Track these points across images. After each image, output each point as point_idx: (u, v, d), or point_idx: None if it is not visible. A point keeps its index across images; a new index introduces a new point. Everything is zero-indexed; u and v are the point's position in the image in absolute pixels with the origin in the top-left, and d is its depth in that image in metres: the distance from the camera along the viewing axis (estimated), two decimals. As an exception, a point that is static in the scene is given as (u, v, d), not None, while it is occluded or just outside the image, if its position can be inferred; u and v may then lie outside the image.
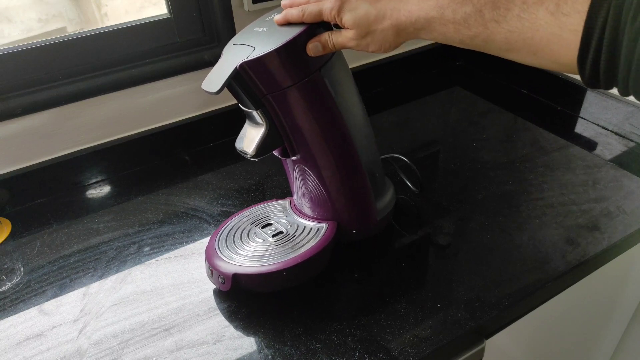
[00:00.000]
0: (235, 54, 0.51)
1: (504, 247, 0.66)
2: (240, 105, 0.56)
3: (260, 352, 0.54)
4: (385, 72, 1.06)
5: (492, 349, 0.64)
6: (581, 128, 0.91)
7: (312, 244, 0.61)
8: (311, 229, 0.64)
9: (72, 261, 0.68)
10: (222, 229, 0.65)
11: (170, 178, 0.84)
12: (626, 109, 0.85)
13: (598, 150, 0.84)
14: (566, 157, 0.82)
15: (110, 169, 0.85)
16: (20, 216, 0.78)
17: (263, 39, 0.51)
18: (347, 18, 0.48)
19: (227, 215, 0.74)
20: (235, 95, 0.54)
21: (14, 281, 0.66)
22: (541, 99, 1.00)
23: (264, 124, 0.55)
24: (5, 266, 0.68)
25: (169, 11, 0.81)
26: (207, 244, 0.63)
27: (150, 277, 0.65)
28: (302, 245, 0.61)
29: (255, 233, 0.64)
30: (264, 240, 0.62)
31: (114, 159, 0.85)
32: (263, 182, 0.81)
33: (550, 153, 0.83)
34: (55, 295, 0.63)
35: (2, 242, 0.73)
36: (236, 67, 0.49)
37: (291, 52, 0.50)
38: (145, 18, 0.80)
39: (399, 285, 0.61)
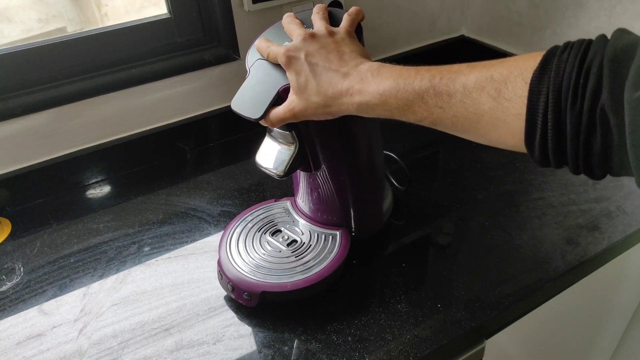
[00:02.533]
0: (269, 74, 0.49)
1: (504, 247, 0.66)
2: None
3: (260, 352, 0.54)
4: (385, 72, 1.06)
5: (492, 349, 0.64)
6: (581, 128, 0.91)
7: (333, 254, 0.60)
8: (324, 236, 0.63)
9: (72, 261, 0.68)
10: (228, 237, 0.63)
11: (170, 178, 0.84)
12: (626, 109, 0.85)
13: (598, 150, 0.84)
14: (566, 157, 0.82)
15: (110, 169, 0.85)
16: (20, 216, 0.78)
17: None
18: (291, 78, 0.48)
19: (227, 215, 0.74)
20: None
21: (14, 281, 0.66)
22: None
23: (295, 143, 0.54)
24: (5, 266, 0.68)
25: (169, 11, 0.81)
26: (218, 257, 0.61)
27: (150, 277, 0.65)
28: (323, 256, 0.60)
29: (267, 242, 0.62)
30: (280, 251, 0.61)
31: (114, 159, 0.85)
32: (263, 182, 0.82)
33: (550, 153, 0.83)
34: (55, 295, 0.63)
35: (2, 242, 0.73)
36: (278, 91, 0.48)
37: None
38: (145, 18, 0.80)
39: (399, 285, 0.61)
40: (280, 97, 0.49)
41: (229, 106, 0.97)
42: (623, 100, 0.30)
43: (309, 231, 0.64)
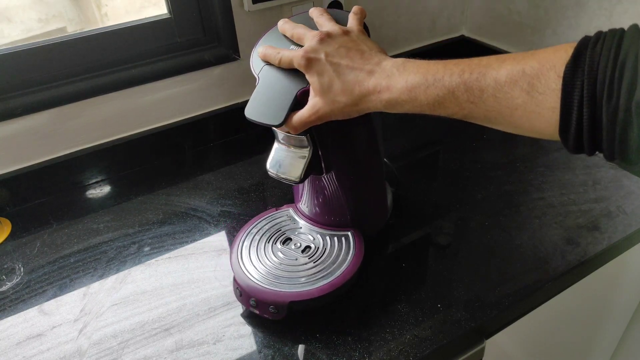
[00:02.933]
0: (282, 79, 0.49)
1: (504, 247, 0.66)
2: (280, 130, 0.53)
3: (260, 352, 0.54)
4: (385, 72, 1.06)
5: (492, 349, 0.64)
6: (581, 128, 0.91)
7: (351, 255, 0.60)
8: (336, 238, 0.62)
9: (72, 261, 0.68)
10: (238, 253, 0.61)
11: (170, 178, 0.84)
12: (626, 109, 0.85)
13: (598, 150, 0.84)
14: (566, 157, 0.82)
15: (110, 169, 0.85)
16: (20, 216, 0.78)
17: None
18: (313, 80, 0.47)
19: (227, 215, 0.74)
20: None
21: (14, 281, 0.66)
22: (541, 99, 1.00)
23: (310, 147, 0.53)
24: (5, 266, 0.68)
25: (169, 11, 0.81)
26: (232, 275, 0.59)
27: (150, 277, 0.65)
28: (341, 258, 0.59)
29: (280, 251, 0.61)
30: (296, 259, 0.60)
31: (114, 159, 0.85)
32: (263, 182, 0.82)
33: (550, 153, 0.83)
34: (55, 295, 0.63)
35: (2, 242, 0.73)
36: (296, 95, 0.47)
37: None
38: (145, 18, 0.80)
39: (399, 285, 0.61)
40: (298, 100, 0.48)
41: (229, 106, 0.97)
42: None
43: (319, 235, 0.63)
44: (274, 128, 0.53)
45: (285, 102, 0.48)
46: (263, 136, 0.93)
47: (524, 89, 0.37)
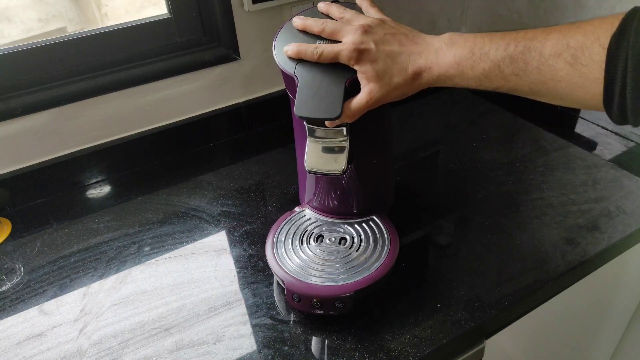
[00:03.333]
0: (325, 72, 0.49)
1: (504, 247, 0.66)
2: (311, 124, 0.53)
3: (260, 352, 0.54)
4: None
5: (492, 349, 0.64)
6: (581, 128, 0.91)
7: (387, 236, 0.62)
8: (364, 224, 0.64)
9: (72, 261, 0.68)
10: (277, 261, 0.59)
11: (170, 178, 0.84)
12: (626, 109, 0.85)
13: (598, 150, 0.84)
14: (566, 157, 0.82)
15: (110, 169, 0.85)
16: (20, 216, 0.78)
17: None
18: (365, 69, 0.49)
19: (227, 215, 0.74)
20: None
21: (14, 281, 0.66)
22: (541, 99, 1.00)
23: (348, 137, 0.53)
24: (5, 266, 0.68)
25: (169, 11, 0.81)
26: (285, 284, 0.57)
27: (150, 277, 0.65)
28: (380, 241, 0.61)
29: (317, 248, 0.61)
30: (338, 252, 0.60)
31: (114, 159, 0.85)
32: (263, 182, 0.82)
33: (550, 153, 0.83)
34: (55, 295, 0.63)
35: (2, 242, 0.73)
36: (345, 85, 0.48)
37: None
38: (145, 18, 0.80)
39: (399, 285, 0.61)
40: (347, 90, 0.49)
41: (229, 106, 0.97)
42: None
43: (347, 226, 0.64)
44: (308, 124, 0.53)
45: (337, 94, 0.48)
46: (263, 136, 0.94)
47: (568, 61, 0.38)
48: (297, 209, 0.67)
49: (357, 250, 0.60)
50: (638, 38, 0.34)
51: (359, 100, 0.49)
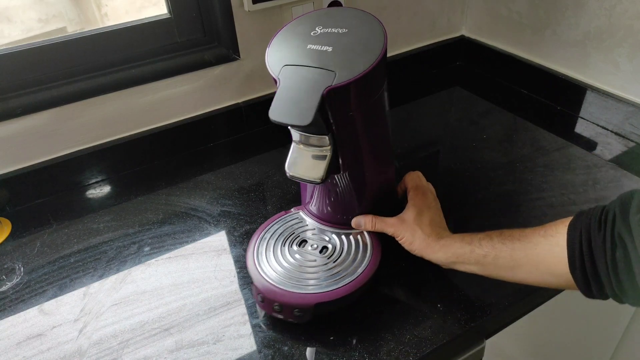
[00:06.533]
0: (307, 78, 0.48)
1: (504, 247, 0.66)
2: (296, 130, 0.53)
3: (260, 352, 0.54)
4: (385, 72, 1.06)
5: (492, 349, 0.64)
6: (581, 128, 0.91)
7: (369, 251, 0.60)
8: (351, 237, 0.62)
9: (72, 261, 0.68)
10: (255, 259, 0.59)
11: (170, 178, 0.84)
12: (626, 109, 0.85)
13: (598, 150, 0.84)
14: (566, 157, 0.82)
15: (110, 169, 0.85)
16: (20, 216, 0.78)
17: (336, 60, 0.48)
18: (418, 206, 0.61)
19: (227, 215, 0.74)
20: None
21: (14, 281, 0.66)
22: (541, 99, 1.00)
23: (331, 146, 0.52)
24: (5, 266, 0.68)
25: (169, 11, 0.81)
26: (252, 280, 0.57)
27: (150, 277, 0.65)
28: (360, 255, 0.59)
29: (297, 253, 0.60)
30: (315, 260, 0.59)
31: (114, 159, 0.85)
32: (263, 182, 0.82)
33: (550, 153, 0.83)
34: (55, 295, 0.63)
35: (2, 242, 0.73)
36: (322, 94, 0.47)
37: (375, 73, 0.48)
38: (145, 18, 0.80)
39: (399, 285, 0.61)
40: (324, 99, 0.47)
41: (229, 106, 0.97)
42: (629, 223, 0.41)
43: (334, 235, 0.62)
44: (292, 129, 0.53)
45: (313, 101, 0.47)
46: (262, 136, 0.94)
47: (541, 234, 0.49)
48: (293, 209, 0.67)
49: (334, 262, 0.59)
50: (589, 216, 0.45)
51: (389, 221, 0.60)
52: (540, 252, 0.48)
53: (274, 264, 0.58)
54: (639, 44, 0.81)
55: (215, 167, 0.86)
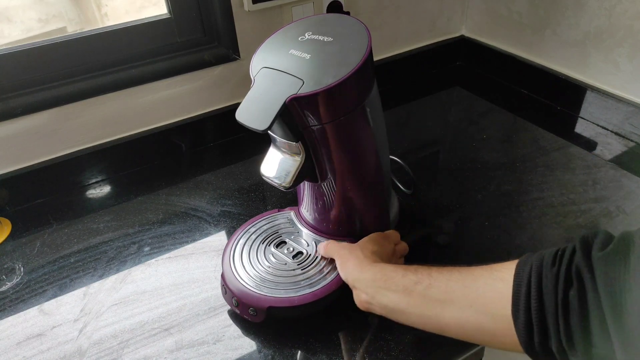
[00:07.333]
0: (276, 83, 0.47)
1: (504, 247, 0.66)
2: (273, 134, 0.53)
3: (260, 352, 0.54)
4: (385, 73, 1.06)
5: (492, 349, 0.64)
6: (581, 128, 0.91)
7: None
8: None
9: (72, 261, 0.68)
10: (231, 250, 0.60)
11: (170, 178, 0.84)
12: (626, 109, 0.85)
13: (598, 150, 0.84)
14: (566, 157, 0.82)
15: (110, 169, 0.85)
16: (20, 216, 0.78)
17: (309, 69, 0.47)
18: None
19: (227, 215, 0.74)
20: (275, 126, 0.50)
21: (14, 281, 0.66)
22: (541, 99, 1.00)
23: (302, 154, 0.52)
24: (5, 266, 0.68)
25: (169, 11, 0.81)
26: (222, 270, 0.58)
27: (150, 277, 0.65)
28: (330, 269, 0.58)
29: (272, 254, 0.60)
30: (285, 264, 0.59)
31: (114, 159, 0.85)
32: (263, 182, 0.81)
33: (550, 153, 0.83)
34: (55, 295, 0.63)
35: (2, 242, 0.73)
36: (285, 102, 0.46)
37: (345, 88, 0.47)
38: (145, 18, 0.80)
39: (399, 285, 0.61)
40: (287, 107, 0.46)
41: (229, 106, 0.97)
42: (591, 259, 0.35)
43: (314, 242, 0.62)
44: (270, 132, 0.53)
45: (274, 107, 0.46)
46: (263, 136, 0.93)
47: (485, 268, 0.43)
48: (287, 209, 0.67)
49: (302, 270, 0.58)
50: (540, 254, 0.39)
51: (332, 246, 0.57)
52: (481, 286, 0.42)
53: (247, 260, 0.59)
54: (639, 44, 0.81)
55: (215, 167, 0.86)
